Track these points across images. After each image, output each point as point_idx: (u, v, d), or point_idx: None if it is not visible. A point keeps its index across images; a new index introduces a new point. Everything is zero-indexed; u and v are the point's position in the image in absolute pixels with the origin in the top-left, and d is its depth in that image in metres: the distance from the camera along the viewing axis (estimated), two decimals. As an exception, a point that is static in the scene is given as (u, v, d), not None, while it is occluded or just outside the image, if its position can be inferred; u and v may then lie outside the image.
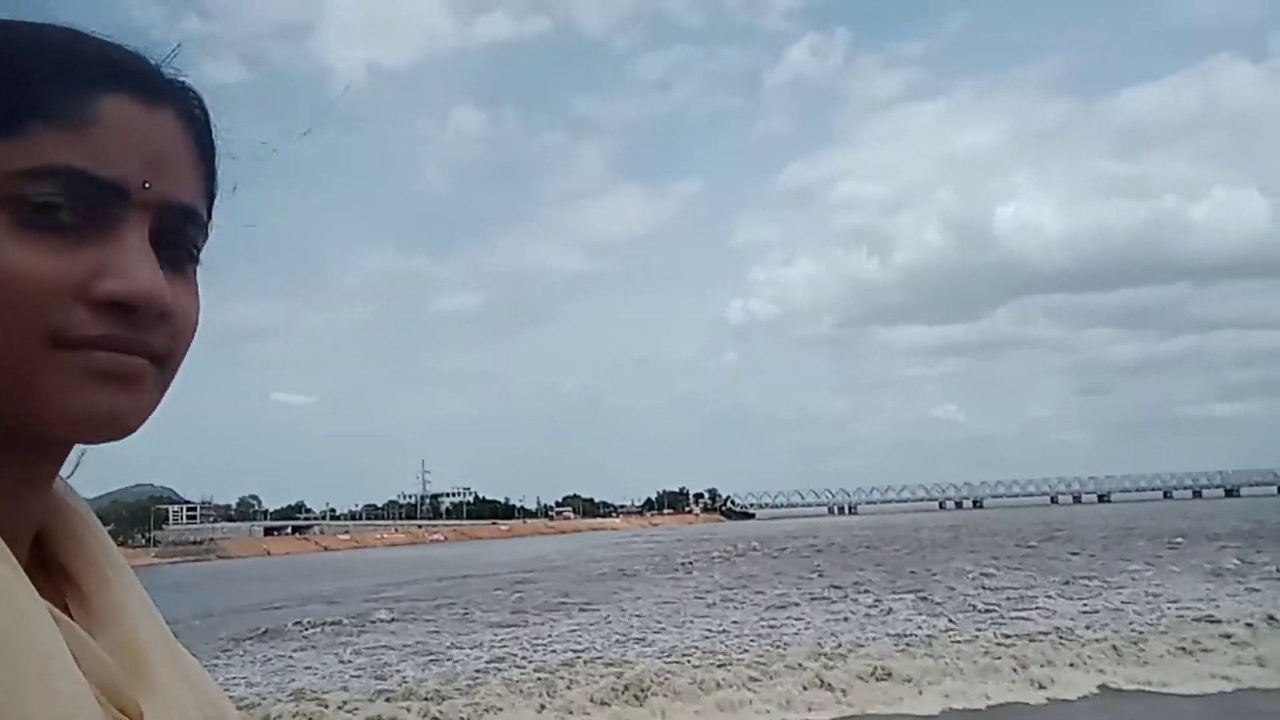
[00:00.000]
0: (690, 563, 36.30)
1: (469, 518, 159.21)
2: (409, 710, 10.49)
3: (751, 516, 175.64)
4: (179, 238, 0.57)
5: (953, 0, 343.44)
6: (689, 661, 12.30)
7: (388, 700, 10.98)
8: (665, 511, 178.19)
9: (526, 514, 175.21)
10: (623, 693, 10.72)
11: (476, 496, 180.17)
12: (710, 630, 15.99)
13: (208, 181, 0.60)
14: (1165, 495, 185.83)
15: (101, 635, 0.56)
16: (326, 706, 10.87)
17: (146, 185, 0.54)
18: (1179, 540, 33.74)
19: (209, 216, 0.61)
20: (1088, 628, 13.89)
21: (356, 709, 10.76)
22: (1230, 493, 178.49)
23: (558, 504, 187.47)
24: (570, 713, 10.43)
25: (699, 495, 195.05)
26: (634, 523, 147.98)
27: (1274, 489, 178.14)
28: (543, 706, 10.56)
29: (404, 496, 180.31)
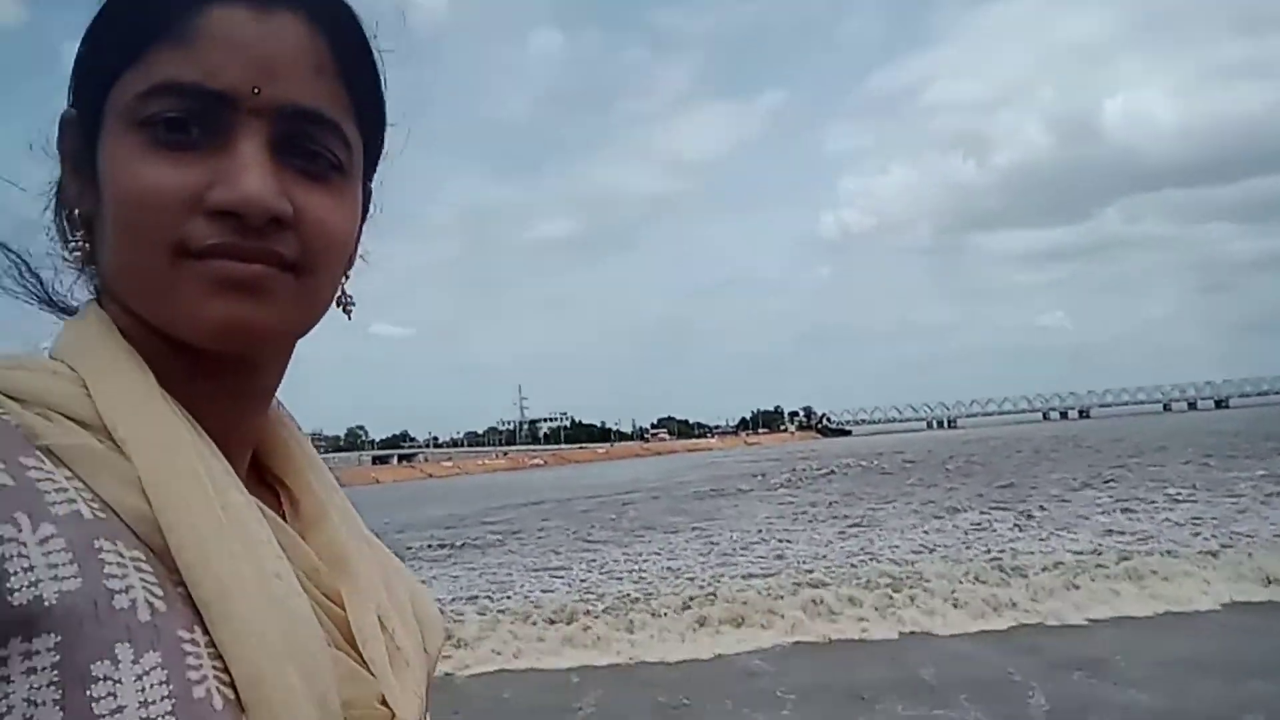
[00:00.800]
0: (791, 481, 36.12)
1: (566, 442, 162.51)
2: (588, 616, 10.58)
3: (848, 433, 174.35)
4: (307, 143, 0.58)
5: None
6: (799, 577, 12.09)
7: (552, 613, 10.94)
8: (760, 431, 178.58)
9: (622, 437, 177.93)
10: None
11: (573, 421, 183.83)
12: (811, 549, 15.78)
13: (352, 89, 0.60)
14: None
15: (310, 535, 0.63)
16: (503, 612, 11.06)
17: (256, 91, 0.55)
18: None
19: (366, 127, 0.62)
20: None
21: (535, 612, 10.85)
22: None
23: (653, 426, 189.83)
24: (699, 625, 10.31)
25: (794, 413, 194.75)
26: (729, 443, 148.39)
27: None
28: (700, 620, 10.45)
29: (503, 423, 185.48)
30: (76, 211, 0.61)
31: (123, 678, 0.46)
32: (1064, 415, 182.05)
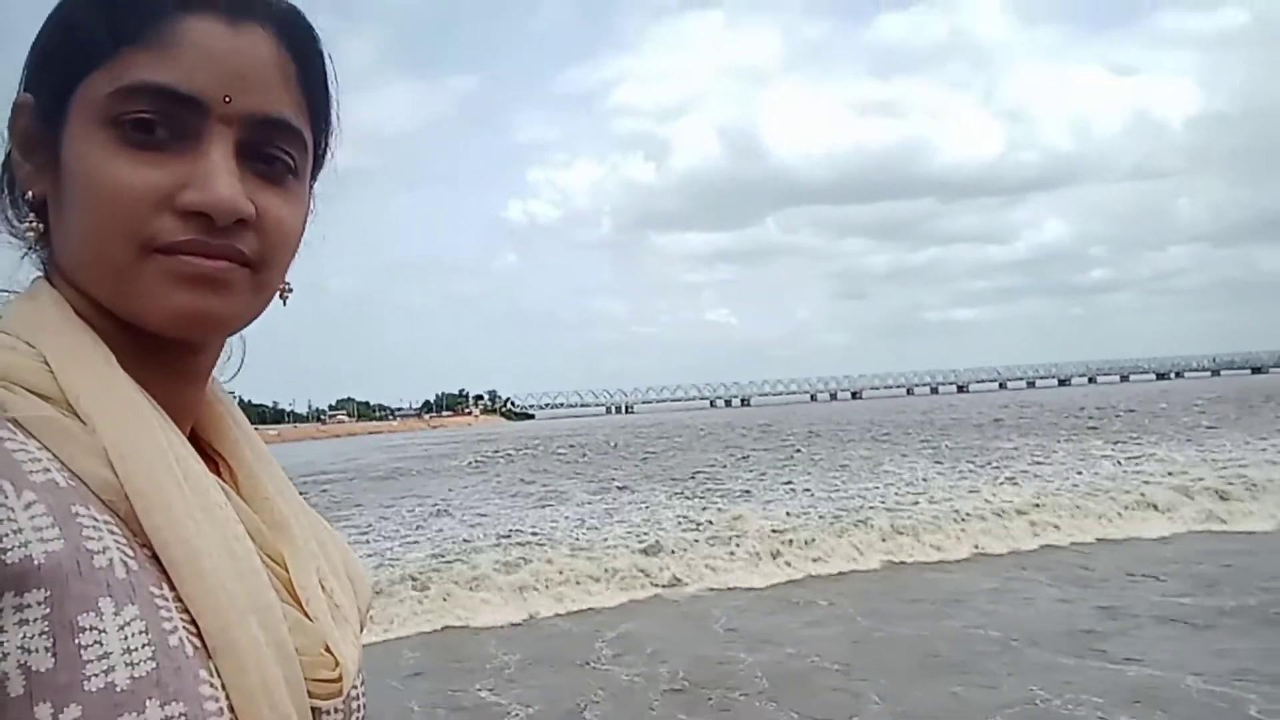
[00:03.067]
0: (478, 463, 36.09)
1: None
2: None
3: (531, 417, 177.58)
4: (269, 149, 0.62)
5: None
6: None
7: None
8: (444, 414, 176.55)
9: (298, 418, 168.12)
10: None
11: (240, 400, 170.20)
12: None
13: (310, 97, 0.65)
14: (908, 392, 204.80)
15: (250, 502, 0.67)
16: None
17: (227, 99, 0.59)
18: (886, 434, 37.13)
19: (318, 132, 0.67)
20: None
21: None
22: (961, 389, 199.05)
23: (331, 408, 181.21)
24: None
25: (479, 397, 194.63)
26: (412, 425, 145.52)
27: (996, 385, 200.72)
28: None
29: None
30: (30, 194, 0.63)
31: (106, 627, 0.50)
32: (728, 403, 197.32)
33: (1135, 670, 6.92)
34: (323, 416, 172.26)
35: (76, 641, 0.49)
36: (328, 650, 0.64)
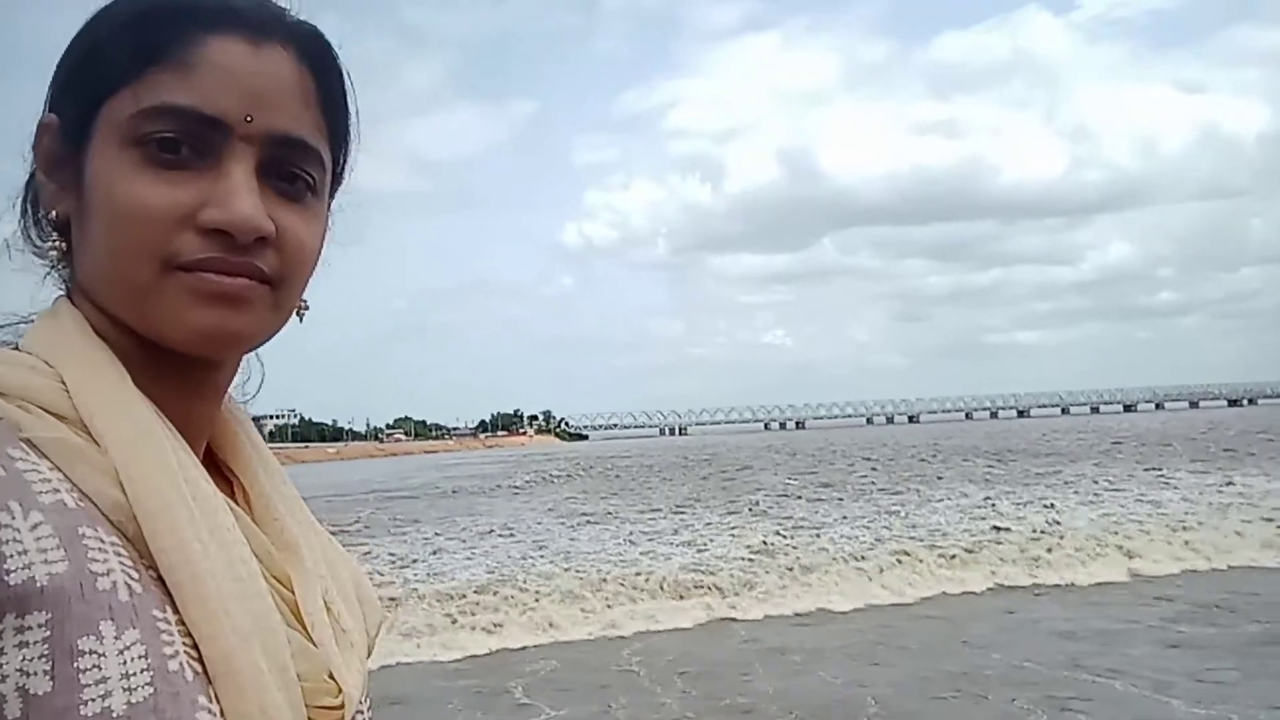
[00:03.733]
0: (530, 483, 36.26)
1: (294, 440, 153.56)
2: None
3: (585, 438, 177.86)
4: (289, 166, 0.63)
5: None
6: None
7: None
8: (499, 433, 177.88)
9: (355, 436, 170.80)
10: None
11: (302, 419, 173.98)
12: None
13: (329, 117, 0.66)
14: (966, 416, 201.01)
15: (260, 521, 0.67)
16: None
17: (249, 119, 0.60)
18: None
19: (336, 151, 0.68)
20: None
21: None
22: (1022, 414, 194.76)
23: (389, 426, 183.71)
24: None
25: (533, 417, 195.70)
26: (467, 444, 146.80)
27: (1058, 410, 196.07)
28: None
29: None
30: (54, 213, 0.63)
31: (106, 652, 0.51)
32: (783, 426, 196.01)
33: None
34: (380, 435, 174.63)
35: (75, 665, 0.49)
36: (331, 677, 0.63)
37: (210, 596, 0.56)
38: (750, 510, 20.68)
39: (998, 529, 14.90)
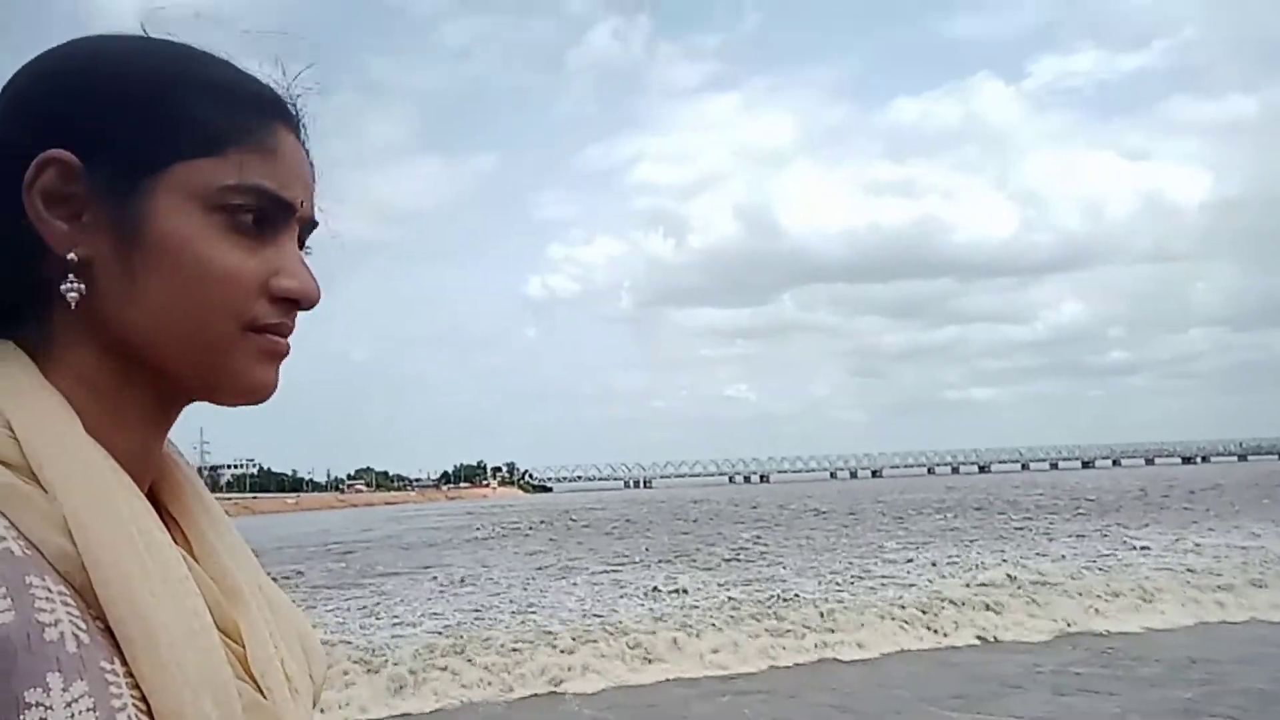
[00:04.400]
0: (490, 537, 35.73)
1: (253, 490, 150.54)
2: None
3: (549, 490, 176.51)
4: (304, 241, 0.71)
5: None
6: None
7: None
8: (462, 485, 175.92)
9: (316, 487, 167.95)
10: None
11: (261, 468, 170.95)
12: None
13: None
14: (929, 471, 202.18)
15: (205, 568, 0.66)
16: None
17: (302, 204, 0.68)
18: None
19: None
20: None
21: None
22: (983, 469, 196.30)
23: (349, 477, 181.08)
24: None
25: (497, 469, 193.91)
26: (430, 496, 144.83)
27: (1019, 466, 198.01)
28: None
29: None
30: (72, 255, 0.62)
31: (54, 704, 0.50)
32: (747, 479, 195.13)
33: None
34: (341, 486, 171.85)
35: (22, 718, 0.49)
36: None
37: (161, 648, 0.55)
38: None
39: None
